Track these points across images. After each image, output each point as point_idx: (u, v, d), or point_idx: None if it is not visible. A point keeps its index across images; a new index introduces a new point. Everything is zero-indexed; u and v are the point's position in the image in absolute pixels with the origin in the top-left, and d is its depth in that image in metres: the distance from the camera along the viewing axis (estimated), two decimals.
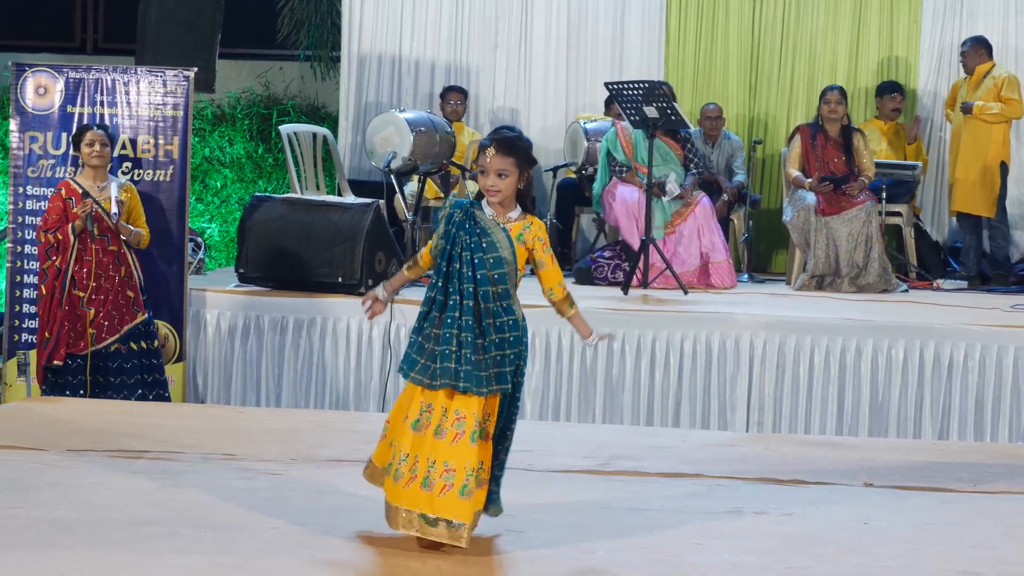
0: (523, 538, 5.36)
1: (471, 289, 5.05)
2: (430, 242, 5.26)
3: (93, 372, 8.62)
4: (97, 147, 8.68)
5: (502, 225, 5.13)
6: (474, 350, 5.02)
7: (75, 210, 8.58)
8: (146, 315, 8.81)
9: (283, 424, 7.80)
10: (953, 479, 6.67)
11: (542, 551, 5.20)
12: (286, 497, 5.91)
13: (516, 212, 5.19)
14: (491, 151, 5.12)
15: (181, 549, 5.10)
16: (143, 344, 8.78)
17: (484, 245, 5.08)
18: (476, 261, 5.06)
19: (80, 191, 8.65)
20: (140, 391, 8.72)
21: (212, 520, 5.51)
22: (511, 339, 5.11)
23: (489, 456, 5.11)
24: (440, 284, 5.10)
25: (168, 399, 8.99)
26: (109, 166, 8.88)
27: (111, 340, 8.63)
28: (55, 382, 8.60)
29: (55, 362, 8.56)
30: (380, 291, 5.38)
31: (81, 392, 8.54)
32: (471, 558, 5.05)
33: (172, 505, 5.69)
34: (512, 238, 5.11)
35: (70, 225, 8.57)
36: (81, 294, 8.59)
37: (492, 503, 5.26)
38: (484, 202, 5.19)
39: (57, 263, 8.59)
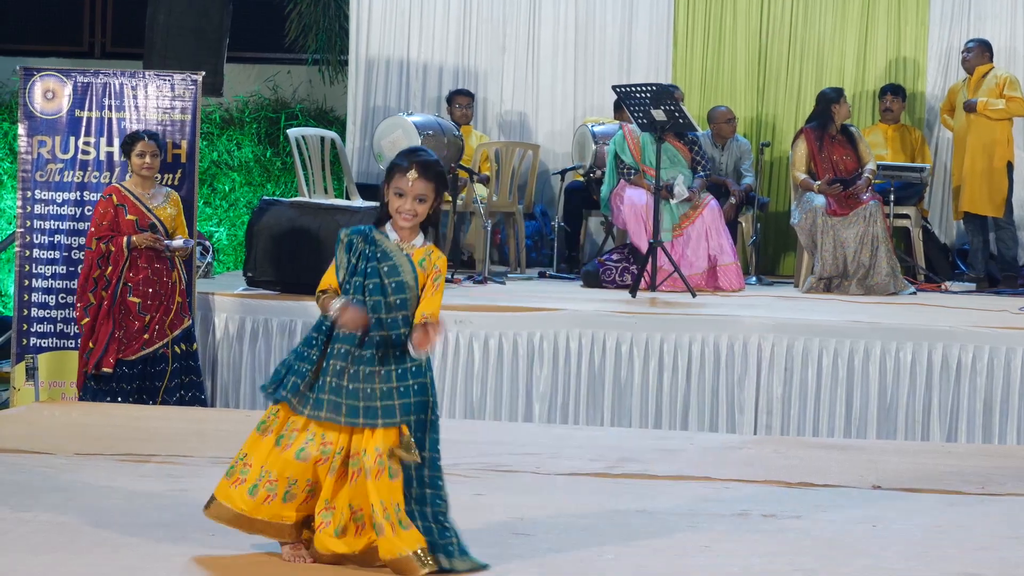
0: (531, 541, 5.36)
1: (376, 318, 4.87)
2: (331, 270, 5.04)
3: (140, 378, 8.64)
4: (148, 159, 8.67)
5: (405, 251, 4.92)
6: (373, 381, 4.86)
7: (135, 239, 8.58)
8: (191, 320, 8.89)
9: None
10: (961, 481, 6.67)
11: (550, 554, 5.20)
12: None
13: (420, 239, 4.98)
14: (412, 175, 4.88)
15: (190, 553, 5.10)
16: (183, 347, 8.83)
17: (386, 269, 4.90)
18: (371, 287, 4.88)
19: (131, 198, 8.67)
20: (179, 393, 8.77)
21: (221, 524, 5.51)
22: (412, 369, 4.90)
23: (387, 494, 4.85)
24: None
25: (204, 402, 9.03)
26: (157, 177, 8.91)
27: (160, 345, 8.66)
28: (98, 389, 8.58)
29: (104, 369, 8.55)
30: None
31: (129, 399, 8.52)
32: (493, 564, 5.04)
33: (181, 509, 5.69)
34: (415, 263, 4.91)
35: (125, 239, 8.58)
36: (137, 300, 8.62)
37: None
38: (388, 226, 4.97)
39: (107, 273, 8.60)
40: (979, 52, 11.73)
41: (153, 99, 9.42)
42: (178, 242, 8.67)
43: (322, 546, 4.91)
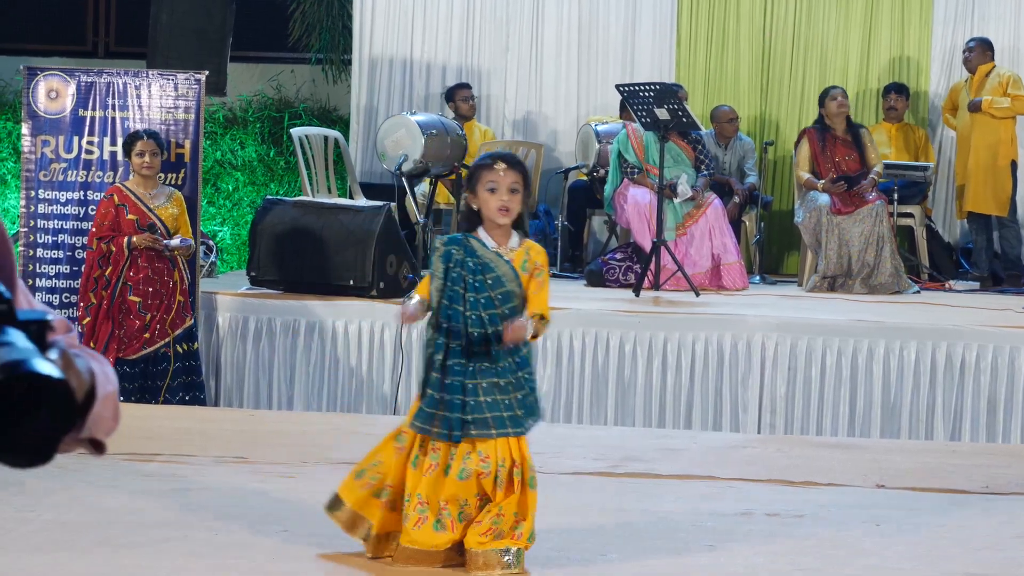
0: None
1: (481, 333, 4.84)
2: (426, 279, 5.03)
3: (142, 377, 8.64)
4: (147, 158, 8.65)
5: (505, 258, 4.89)
6: (495, 392, 4.86)
7: (135, 240, 8.57)
8: (193, 319, 8.89)
9: (295, 427, 7.82)
10: (965, 480, 6.67)
11: (553, 553, 5.20)
12: (298, 500, 5.92)
13: (515, 238, 4.95)
14: (501, 165, 4.86)
15: (194, 552, 5.11)
16: (185, 346, 8.83)
17: (490, 282, 4.85)
18: (483, 301, 4.84)
19: (133, 197, 8.66)
20: (180, 393, 8.77)
21: (224, 523, 5.52)
22: (527, 375, 4.91)
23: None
24: (445, 327, 4.89)
25: (204, 402, 9.03)
26: (159, 176, 8.90)
27: (161, 344, 8.66)
28: None
29: None
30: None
31: (131, 399, 8.52)
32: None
33: (184, 508, 5.70)
34: (516, 269, 4.87)
35: (125, 239, 8.58)
36: (137, 299, 8.61)
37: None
38: (481, 231, 4.93)
39: (107, 273, 8.60)
40: (980, 51, 11.73)
41: (156, 98, 9.42)
42: (175, 241, 8.65)
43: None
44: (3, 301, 1.64)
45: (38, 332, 1.66)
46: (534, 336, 4.90)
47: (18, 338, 1.60)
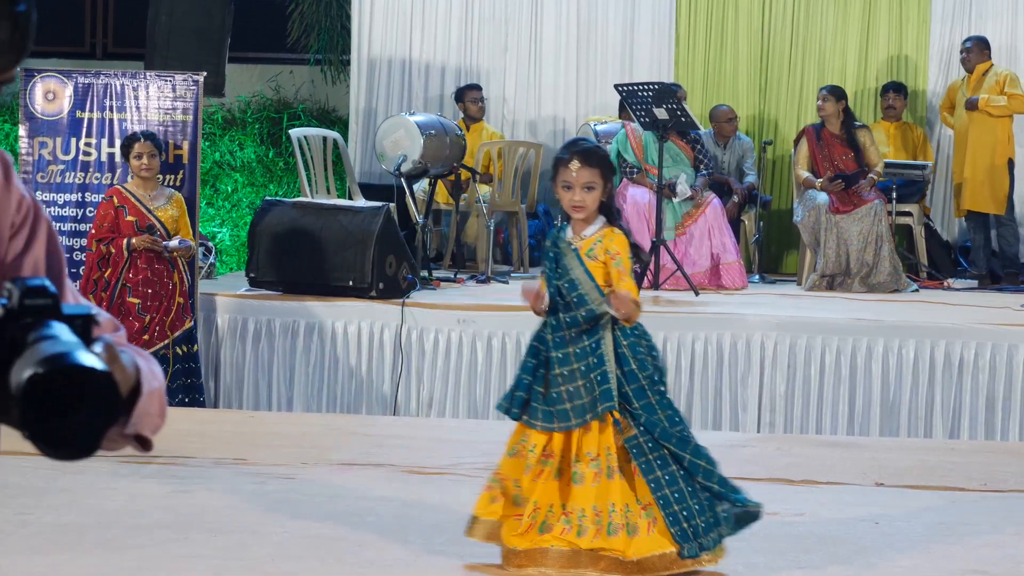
0: None
1: (565, 318, 4.88)
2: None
3: None
4: (145, 160, 8.62)
5: (574, 246, 4.93)
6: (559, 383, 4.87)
7: (134, 241, 8.56)
8: (193, 321, 8.88)
9: (294, 428, 7.82)
10: (964, 478, 6.67)
11: None
12: (298, 501, 5.92)
13: (595, 227, 4.97)
14: (575, 164, 4.90)
15: (194, 554, 5.11)
16: (185, 348, 8.82)
17: (560, 270, 4.91)
18: (564, 287, 4.89)
19: (132, 199, 8.65)
20: (179, 395, 8.77)
21: (224, 524, 5.52)
22: (592, 363, 4.87)
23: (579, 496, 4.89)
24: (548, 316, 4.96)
25: (203, 403, 9.03)
26: (159, 177, 8.89)
27: (160, 346, 8.66)
28: None
29: None
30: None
31: None
32: (493, 563, 5.04)
33: (184, 510, 5.70)
34: (582, 256, 4.90)
35: (125, 241, 8.56)
36: (136, 301, 8.61)
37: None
38: (569, 222, 5.02)
39: (107, 275, 8.60)
40: (978, 50, 11.73)
41: (154, 100, 9.42)
42: (174, 243, 8.63)
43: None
44: (49, 296, 1.65)
45: (83, 326, 1.67)
46: (627, 320, 4.85)
47: (63, 332, 1.62)
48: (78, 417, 1.57)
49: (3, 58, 1.77)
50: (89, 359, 1.57)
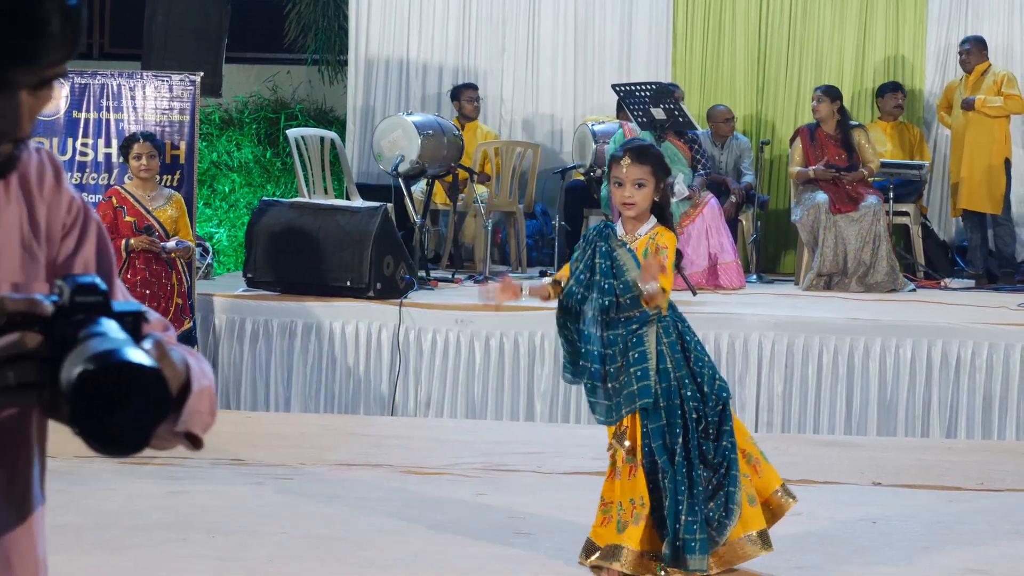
0: (532, 540, 5.37)
1: (605, 318, 4.87)
2: (568, 264, 5.05)
3: None
4: (144, 160, 8.60)
5: (628, 245, 4.90)
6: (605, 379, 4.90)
7: (133, 242, 8.55)
8: (192, 322, 8.87)
9: (292, 428, 7.82)
10: (961, 477, 6.68)
11: (552, 553, 5.21)
12: (297, 501, 5.93)
13: (648, 226, 4.96)
14: (626, 161, 4.92)
15: (193, 554, 5.12)
16: None
17: (614, 270, 4.86)
18: (605, 287, 4.85)
19: (131, 200, 8.64)
20: None
21: (223, 524, 5.52)
22: (635, 357, 4.88)
23: (634, 490, 4.95)
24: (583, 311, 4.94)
25: None
26: (158, 178, 8.87)
27: None
28: None
29: None
30: (522, 286, 5.11)
31: None
32: (495, 563, 5.05)
33: (182, 510, 5.70)
34: (638, 258, 4.87)
35: (123, 242, 8.55)
36: None
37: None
38: (620, 220, 5.00)
39: None
40: (976, 50, 11.74)
41: (151, 100, 9.41)
42: (171, 243, 8.62)
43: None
44: (99, 293, 1.66)
45: (133, 324, 1.68)
46: (648, 300, 4.78)
47: (112, 328, 1.63)
48: (127, 414, 1.58)
49: (56, 52, 1.79)
50: (139, 356, 1.58)
